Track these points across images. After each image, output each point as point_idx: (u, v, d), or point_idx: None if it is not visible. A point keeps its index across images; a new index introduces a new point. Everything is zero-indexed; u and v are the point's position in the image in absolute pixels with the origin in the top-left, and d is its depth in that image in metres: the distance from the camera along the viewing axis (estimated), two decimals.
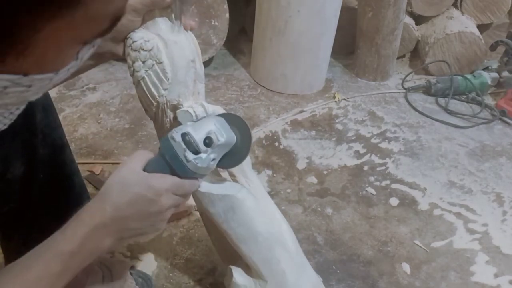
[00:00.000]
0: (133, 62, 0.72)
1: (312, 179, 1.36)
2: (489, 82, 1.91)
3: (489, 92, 1.98)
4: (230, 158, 0.69)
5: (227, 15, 1.77)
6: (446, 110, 1.81)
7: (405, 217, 1.26)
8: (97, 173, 1.27)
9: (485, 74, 1.92)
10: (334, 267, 1.07)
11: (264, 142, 1.51)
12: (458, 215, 1.28)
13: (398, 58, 2.10)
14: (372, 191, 1.34)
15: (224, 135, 0.66)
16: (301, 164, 1.42)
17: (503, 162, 1.53)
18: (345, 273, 1.07)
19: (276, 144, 1.51)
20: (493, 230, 1.24)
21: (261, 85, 1.86)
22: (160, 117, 0.75)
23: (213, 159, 0.66)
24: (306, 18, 1.65)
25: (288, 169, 1.39)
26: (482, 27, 2.14)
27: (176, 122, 0.73)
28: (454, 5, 2.13)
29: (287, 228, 0.82)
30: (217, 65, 1.99)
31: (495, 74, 1.94)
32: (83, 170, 1.27)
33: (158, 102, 0.73)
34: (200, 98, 0.77)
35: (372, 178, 1.39)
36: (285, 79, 1.80)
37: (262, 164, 1.40)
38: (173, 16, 0.72)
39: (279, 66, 1.78)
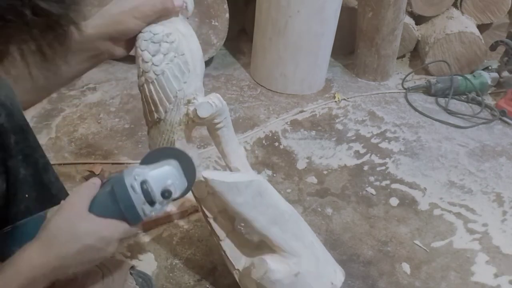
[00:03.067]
0: (153, 56, 0.71)
1: (312, 179, 1.36)
2: (489, 82, 1.91)
3: (489, 92, 1.98)
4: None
5: (227, 15, 1.77)
6: (446, 110, 1.81)
7: (405, 217, 1.26)
8: (97, 173, 1.27)
9: (485, 74, 1.92)
10: None
11: (264, 142, 1.51)
12: (458, 215, 1.28)
13: (398, 58, 2.10)
14: (372, 191, 1.34)
15: (180, 187, 0.66)
16: (301, 164, 1.42)
17: (503, 162, 1.53)
18: (345, 273, 1.06)
19: (276, 144, 1.51)
20: (493, 230, 1.24)
21: (261, 85, 1.86)
22: (172, 116, 0.74)
23: (165, 207, 0.65)
24: (306, 18, 1.66)
25: (288, 169, 1.39)
26: (482, 27, 2.14)
27: (186, 118, 0.75)
28: (454, 5, 2.13)
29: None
30: (217, 65, 1.99)
31: (495, 74, 1.94)
32: (83, 170, 1.27)
33: (176, 97, 0.73)
34: (202, 93, 0.78)
35: (372, 178, 1.39)
36: (285, 79, 1.80)
37: (262, 164, 1.40)
38: (188, 11, 0.75)
39: (279, 66, 1.78)
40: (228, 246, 0.87)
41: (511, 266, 1.14)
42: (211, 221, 0.86)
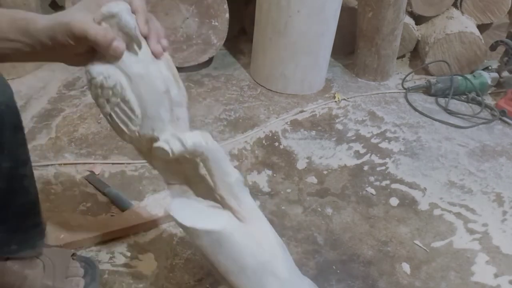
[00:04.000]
0: (96, 99, 0.65)
1: (312, 179, 1.36)
2: (489, 82, 1.91)
3: (489, 92, 1.98)
4: None
5: (227, 15, 1.77)
6: (446, 110, 1.81)
7: (405, 217, 1.26)
8: (97, 173, 1.27)
9: (485, 74, 1.92)
10: (334, 267, 1.08)
11: (264, 142, 1.51)
12: (458, 215, 1.28)
13: (398, 58, 2.10)
14: (372, 191, 1.34)
15: None
16: (301, 164, 1.42)
17: (503, 162, 1.53)
18: (345, 273, 1.07)
19: (276, 144, 1.51)
20: (493, 230, 1.24)
21: (261, 85, 1.86)
22: (136, 145, 0.70)
23: None
24: (306, 18, 1.66)
25: (288, 169, 1.39)
26: (482, 27, 2.14)
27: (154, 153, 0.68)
28: (454, 5, 2.13)
29: (280, 250, 0.77)
30: (217, 65, 1.99)
31: (495, 74, 1.94)
32: (83, 170, 1.27)
33: (130, 136, 0.67)
34: (181, 124, 0.69)
35: (372, 178, 1.39)
36: (285, 79, 1.80)
37: (262, 164, 1.40)
38: (135, 47, 0.63)
39: (279, 66, 1.78)
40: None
41: (511, 266, 1.14)
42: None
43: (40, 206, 0.84)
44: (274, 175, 1.36)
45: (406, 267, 1.10)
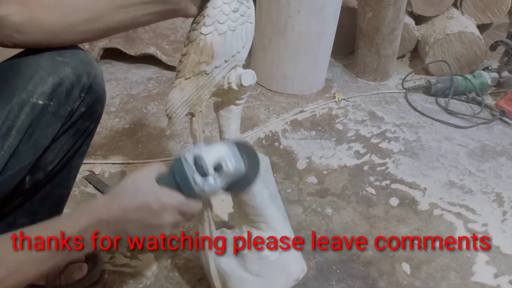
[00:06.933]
0: (233, 12, 0.74)
1: (312, 179, 1.36)
2: (489, 82, 1.91)
3: (489, 92, 1.98)
4: (238, 185, 0.71)
5: None
6: (446, 110, 1.81)
7: (405, 217, 1.26)
8: (97, 173, 1.27)
9: (485, 74, 1.92)
10: (334, 267, 1.07)
11: (264, 142, 1.51)
12: (458, 215, 1.28)
13: (398, 58, 2.10)
14: (372, 191, 1.34)
15: (234, 164, 0.67)
16: (301, 164, 1.42)
17: (503, 162, 1.53)
18: (345, 273, 1.07)
19: (276, 144, 1.51)
20: (493, 230, 1.24)
21: (261, 85, 1.86)
22: (217, 74, 0.77)
23: (220, 184, 0.67)
24: (306, 18, 1.66)
25: (288, 169, 1.39)
26: (482, 27, 2.14)
27: (224, 82, 0.78)
28: (454, 5, 2.13)
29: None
30: None
31: (495, 74, 1.94)
32: (83, 170, 1.27)
33: (233, 56, 0.76)
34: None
35: (372, 178, 1.39)
36: (285, 79, 1.80)
37: None
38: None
39: (279, 66, 1.78)
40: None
41: (511, 266, 1.14)
42: None
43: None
44: (274, 175, 1.36)
45: (406, 267, 1.10)
